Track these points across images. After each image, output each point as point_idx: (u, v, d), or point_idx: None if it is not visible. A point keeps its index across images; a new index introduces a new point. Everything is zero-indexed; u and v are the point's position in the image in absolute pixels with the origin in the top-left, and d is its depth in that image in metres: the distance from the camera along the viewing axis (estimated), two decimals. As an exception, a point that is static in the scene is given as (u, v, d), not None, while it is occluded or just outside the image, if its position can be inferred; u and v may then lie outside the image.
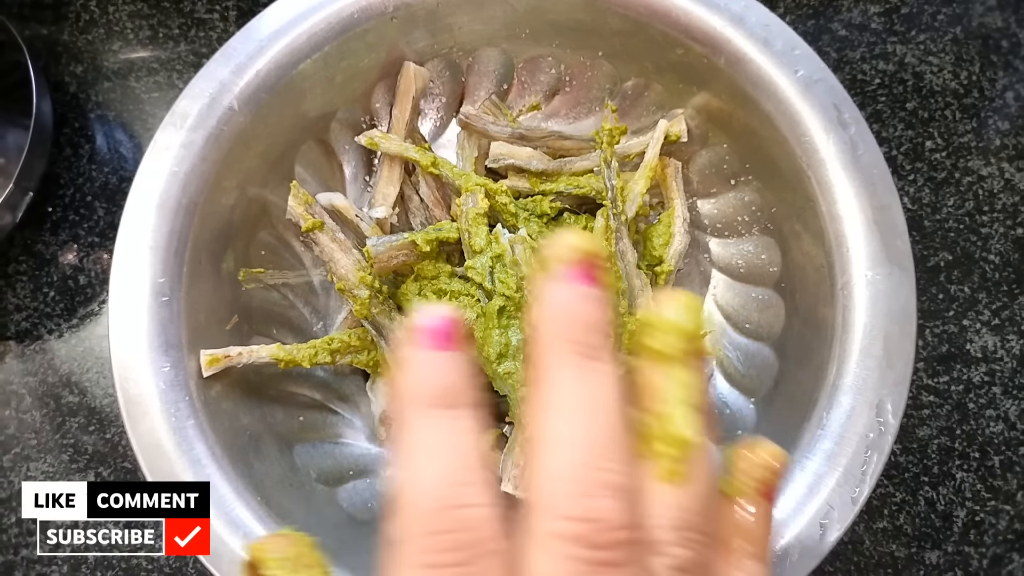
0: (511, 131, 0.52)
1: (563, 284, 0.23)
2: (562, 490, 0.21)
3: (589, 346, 0.23)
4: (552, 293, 0.23)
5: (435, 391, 0.22)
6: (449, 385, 0.22)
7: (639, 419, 0.23)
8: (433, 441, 0.22)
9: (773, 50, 0.46)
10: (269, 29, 0.47)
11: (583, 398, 0.22)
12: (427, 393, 0.22)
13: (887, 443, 0.40)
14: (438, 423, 0.22)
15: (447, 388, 0.22)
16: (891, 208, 0.44)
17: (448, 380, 0.23)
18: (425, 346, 0.23)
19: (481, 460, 0.22)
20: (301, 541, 0.26)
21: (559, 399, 0.22)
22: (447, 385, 0.22)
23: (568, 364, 0.22)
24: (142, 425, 0.41)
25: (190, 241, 0.45)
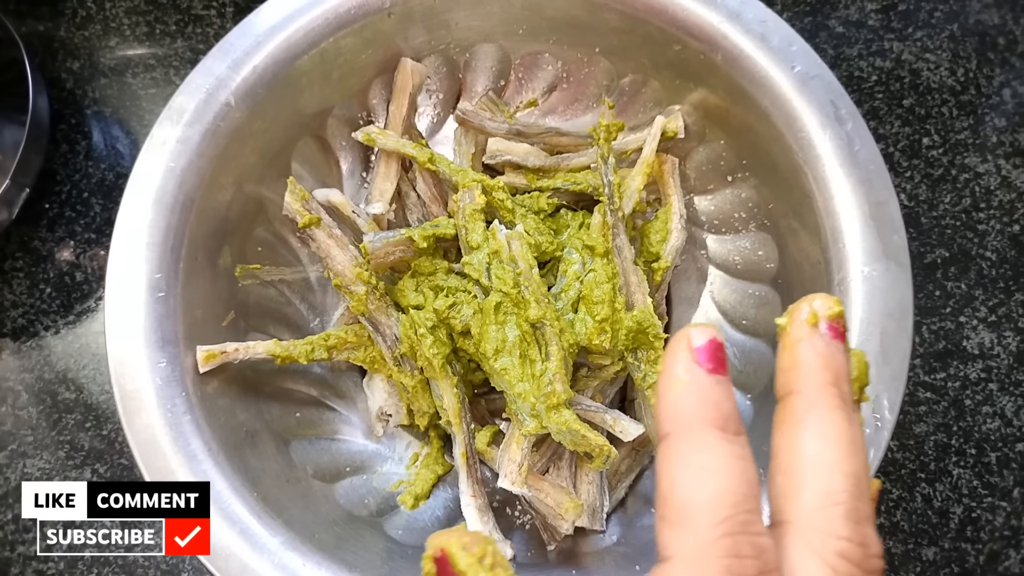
0: (508, 127, 0.52)
1: (824, 339, 0.25)
2: (839, 512, 0.23)
3: (847, 393, 0.25)
4: (815, 346, 0.25)
5: (717, 414, 0.23)
6: (729, 411, 0.24)
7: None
8: (718, 462, 0.23)
9: (770, 46, 0.46)
10: (266, 25, 0.47)
11: (852, 436, 0.24)
12: (710, 415, 0.23)
13: (884, 439, 0.40)
14: (720, 445, 0.23)
15: (727, 413, 0.24)
16: (888, 204, 0.44)
17: (727, 405, 0.24)
18: (703, 367, 0.24)
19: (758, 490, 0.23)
20: (485, 539, 0.26)
21: (832, 433, 0.24)
22: (727, 410, 0.24)
23: (836, 407, 0.24)
24: (138, 421, 0.41)
25: (187, 237, 0.44)
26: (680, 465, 0.23)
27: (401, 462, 0.51)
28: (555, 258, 0.50)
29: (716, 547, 0.22)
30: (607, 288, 0.46)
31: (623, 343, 0.46)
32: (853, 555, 0.22)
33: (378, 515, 0.48)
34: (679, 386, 0.24)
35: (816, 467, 0.24)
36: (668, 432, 0.24)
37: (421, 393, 0.48)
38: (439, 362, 0.46)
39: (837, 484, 0.23)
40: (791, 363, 0.25)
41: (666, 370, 0.25)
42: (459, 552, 0.25)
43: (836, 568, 0.22)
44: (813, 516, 0.23)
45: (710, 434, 0.23)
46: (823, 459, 0.24)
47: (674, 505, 0.23)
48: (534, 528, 0.48)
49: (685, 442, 0.23)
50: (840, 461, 0.23)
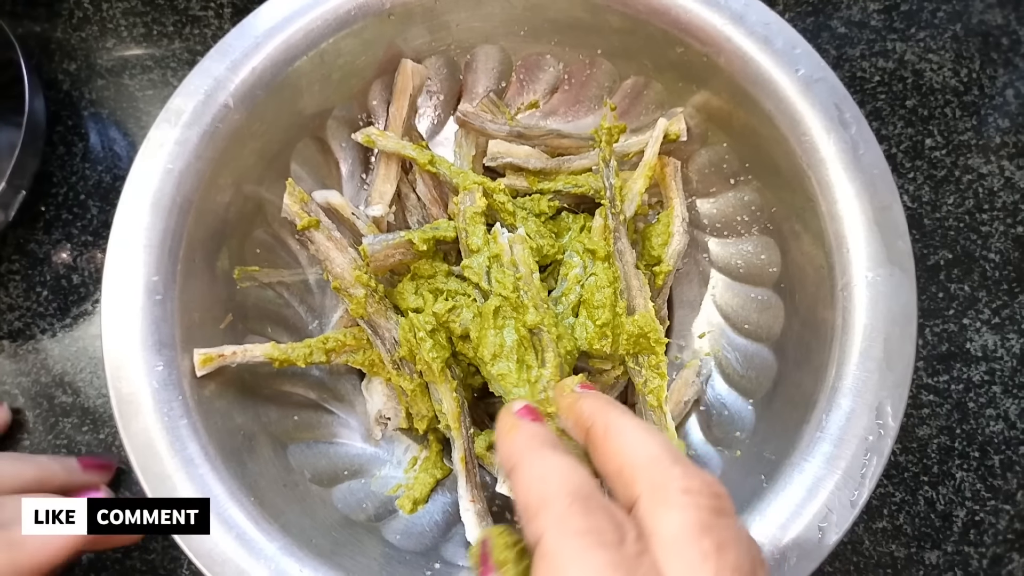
0: (509, 129, 0.52)
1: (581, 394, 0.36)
2: (665, 467, 0.28)
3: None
4: (579, 399, 0.35)
5: (545, 439, 0.31)
6: (553, 438, 0.32)
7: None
8: (554, 463, 0.29)
9: (773, 49, 0.46)
10: (265, 25, 0.46)
11: (641, 425, 0.31)
12: (538, 441, 0.31)
13: (887, 446, 0.40)
14: (553, 455, 0.30)
15: (552, 439, 0.32)
16: (892, 208, 0.43)
17: (550, 435, 0.32)
18: (525, 418, 0.33)
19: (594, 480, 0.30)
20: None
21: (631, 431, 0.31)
22: (551, 437, 0.32)
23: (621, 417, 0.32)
24: (135, 425, 0.40)
25: (184, 239, 0.44)
26: (527, 477, 0.28)
27: (400, 466, 0.51)
28: (556, 261, 0.49)
29: (572, 509, 0.26)
30: (608, 292, 0.46)
31: (624, 348, 0.46)
32: (692, 486, 0.27)
33: (376, 520, 0.48)
34: (512, 433, 0.31)
35: (636, 453, 0.29)
36: (514, 463, 0.29)
37: (420, 397, 0.48)
38: (438, 366, 0.45)
39: (654, 451, 0.28)
40: (575, 418, 0.33)
41: (498, 432, 0.33)
42: (496, 539, 0.31)
43: (683, 503, 0.26)
44: (650, 481, 0.27)
45: (542, 450, 0.29)
46: (635, 445, 0.29)
47: (530, 504, 0.27)
48: (534, 533, 0.48)
49: (526, 461, 0.29)
50: (645, 439, 0.29)
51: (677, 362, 0.53)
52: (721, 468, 0.47)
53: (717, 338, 0.52)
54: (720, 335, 0.52)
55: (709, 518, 0.26)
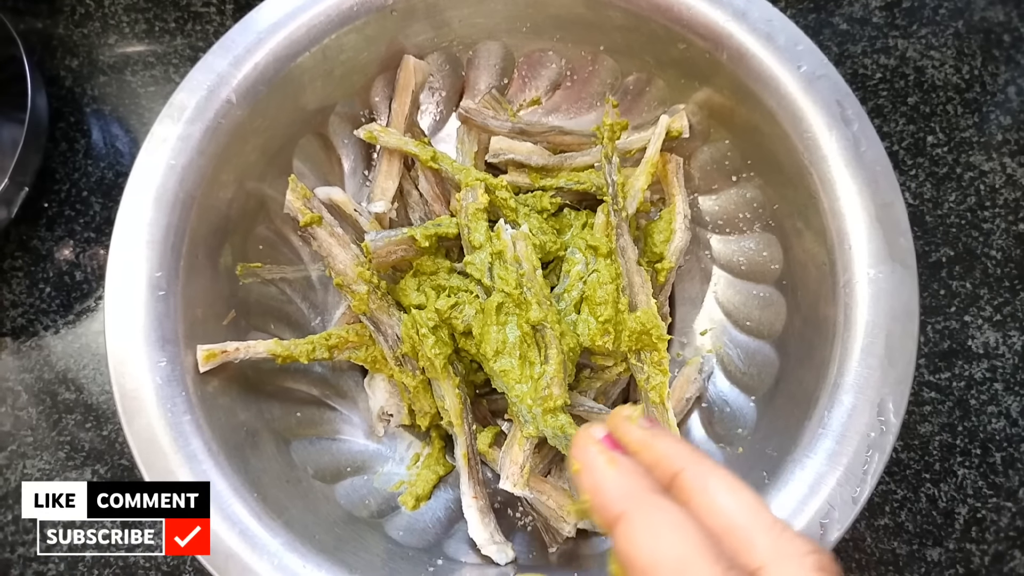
0: (511, 126, 0.52)
1: (654, 432, 0.30)
2: (790, 537, 0.25)
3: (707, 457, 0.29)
4: (659, 437, 0.30)
5: (654, 483, 0.27)
6: (655, 480, 0.28)
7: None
8: (683, 517, 0.25)
9: (776, 46, 0.46)
10: (268, 21, 0.46)
11: (735, 478, 0.28)
12: (651, 485, 0.27)
13: (888, 442, 0.40)
14: (674, 506, 0.26)
15: (655, 482, 0.27)
16: (894, 205, 0.43)
17: (651, 477, 0.27)
18: (617, 450, 0.28)
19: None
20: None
21: (729, 484, 0.27)
22: (654, 480, 0.27)
23: (712, 470, 0.28)
24: (138, 420, 0.40)
25: (187, 235, 0.44)
26: (652, 534, 0.24)
27: (402, 462, 0.51)
28: (558, 258, 0.49)
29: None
30: (610, 289, 0.46)
31: (626, 344, 0.46)
32: (824, 563, 0.24)
33: (379, 516, 0.48)
34: (611, 471, 0.27)
35: (747, 514, 0.26)
36: (623, 510, 0.25)
37: (423, 393, 0.48)
38: (441, 362, 0.45)
39: (768, 517, 0.26)
40: (654, 459, 0.28)
41: (588, 465, 0.27)
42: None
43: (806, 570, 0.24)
44: (775, 551, 0.25)
45: (662, 500, 0.25)
46: (744, 506, 0.26)
47: (663, 568, 0.24)
48: (536, 530, 0.48)
49: (645, 512, 0.25)
50: (752, 501, 0.26)
51: (679, 359, 0.53)
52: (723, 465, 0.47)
53: (719, 335, 0.52)
54: (722, 332, 0.52)
55: None
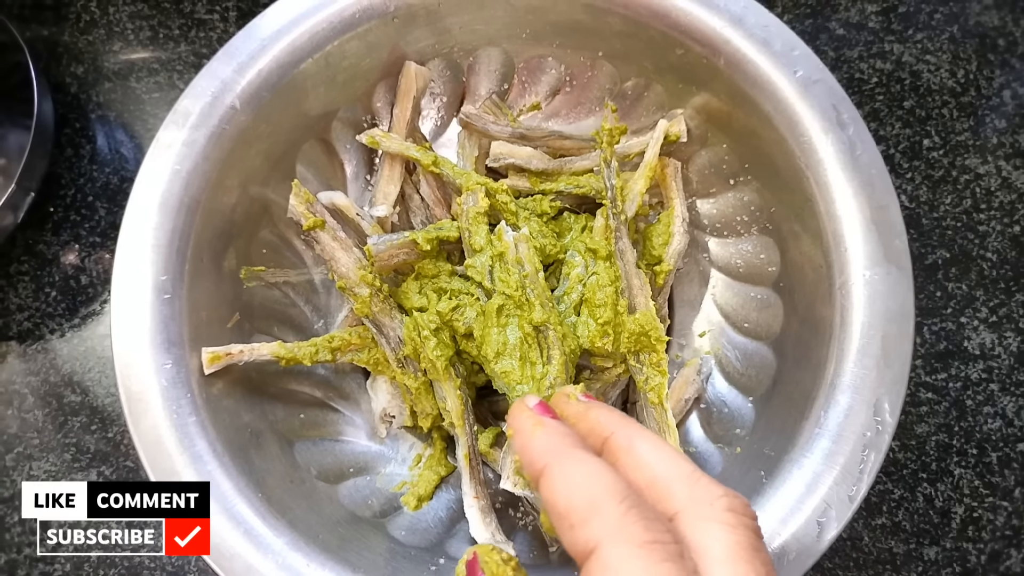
0: (511, 131, 0.52)
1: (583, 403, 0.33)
2: (706, 483, 0.27)
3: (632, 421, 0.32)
4: (587, 408, 0.33)
5: (576, 440, 0.29)
6: (580, 439, 0.30)
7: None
8: (597, 467, 0.27)
9: (772, 51, 0.46)
10: (271, 28, 0.47)
11: (655, 436, 0.30)
12: (573, 441, 0.29)
13: (884, 442, 0.41)
14: (591, 458, 0.28)
15: (580, 441, 0.29)
16: (889, 208, 0.44)
17: (577, 437, 0.30)
18: (546, 415, 0.31)
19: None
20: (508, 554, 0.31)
21: (652, 442, 0.29)
22: (579, 439, 0.30)
23: (639, 429, 0.31)
24: (144, 422, 0.41)
25: (192, 239, 0.45)
26: (567, 479, 0.26)
27: (404, 463, 0.52)
28: (558, 261, 0.50)
29: (629, 517, 0.24)
30: (610, 291, 0.46)
31: (625, 346, 0.46)
32: (736, 505, 0.26)
33: (381, 516, 0.48)
34: (538, 431, 0.29)
35: (667, 467, 0.28)
36: (545, 463, 0.27)
37: (424, 395, 0.49)
38: (442, 364, 0.46)
39: (687, 467, 0.28)
40: (588, 428, 0.30)
41: (518, 428, 0.30)
42: (488, 556, 0.30)
43: (730, 521, 0.25)
44: (691, 497, 0.26)
45: (579, 452, 0.27)
46: (665, 460, 0.28)
47: (576, 509, 0.25)
48: (536, 530, 0.49)
49: (563, 463, 0.27)
50: (673, 456, 0.28)
51: (678, 361, 0.53)
52: (721, 465, 0.48)
53: (717, 337, 0.53)
54: (720, 334, 0.53)
55: (756, 540, 0.26)
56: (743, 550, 0.25)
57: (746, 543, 0.25)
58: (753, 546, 0.25)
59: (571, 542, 0.25)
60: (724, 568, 0.24)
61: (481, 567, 0.30)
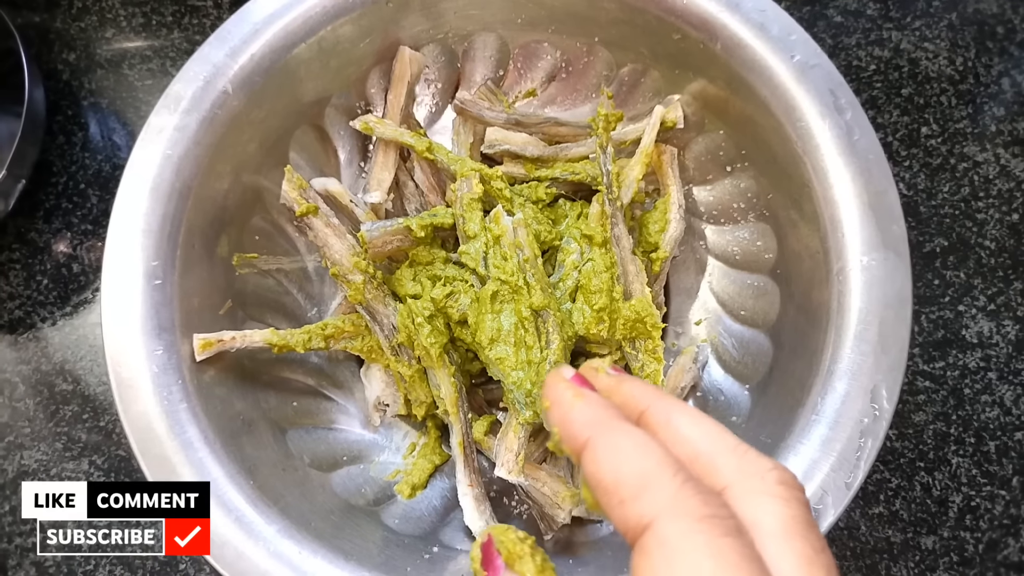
0: (507, 117, 0.52)
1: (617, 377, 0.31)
2: (754, 456, 0.26)
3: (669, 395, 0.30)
4: (624, 381, 0.30)
5: (619, 412, 0.27)
6: (620, 412, 0.28)
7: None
8: (645, 439, 0.26)
9: (769, 35, 0.46)
10: (264, 13, 0.46)
11: (695, 410, 0.29)
12: (616, 413, 0.27)
13: (882, 428, 0.40)
14: (637, 431, 0.26)
15: (621, 413, 0.27)
16: (887, 193, 0.43)
17: (618, 409, 0.28)
18: (586, 387, 0.29)
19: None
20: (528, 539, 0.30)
21: (692, 414, 0.28)
22: (619, 412, 0.27)
23: (676, 403, 0.29)
24: (134, 409, 0.40)
25: (184, 225, 0.44)
26: (615, 453, 0.25)
27: (398, 452, 0.51)
28: (553, 248, 0.50)
29: (685, 491, 0.23)
30: (605, 278, 0.46)
31: (621, 333, 0.46)
32: (787, 479, 0.25)
33: (375, 504, 0.48)
34: (578, 402, 0.27)
35: (710, 440, 0.26)
36: (588, 436, 0.26)
37: (418, 382, 0.48)
38: (436, 351, 0.46)
39: (731, 440, 0.26)
40: (621, 402, 0.29)
41: (556, 400, 0.28)
42: (504, 535, 0.29)
43: (783, 495, 0.24)
44: (740, 470, 0.25)
45: (625, 424, 0.26)
46: (707, 433, 0.26)
47: (626, 484, 0.24)
48: (531, 518, 0.48)
49: (609, 435, 0.25)
50: (715, 428, 0.27)
51: (674, 349, 0.53)
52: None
53: (713, 324, 0.53)
54: (716, 322, 0.52)
55: (809, 514, 0.25)
56: (798, 524, 0.24)
57: (800, 518, 0.24)
58: (807, 521, 0.24)
59: (621, 518, 0.24)
60: (780, 543, 0.23)
61: (497, 547, 0.29)
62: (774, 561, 0.23)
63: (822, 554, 0.24)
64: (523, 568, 0.28)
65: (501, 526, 0.30)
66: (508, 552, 0.29)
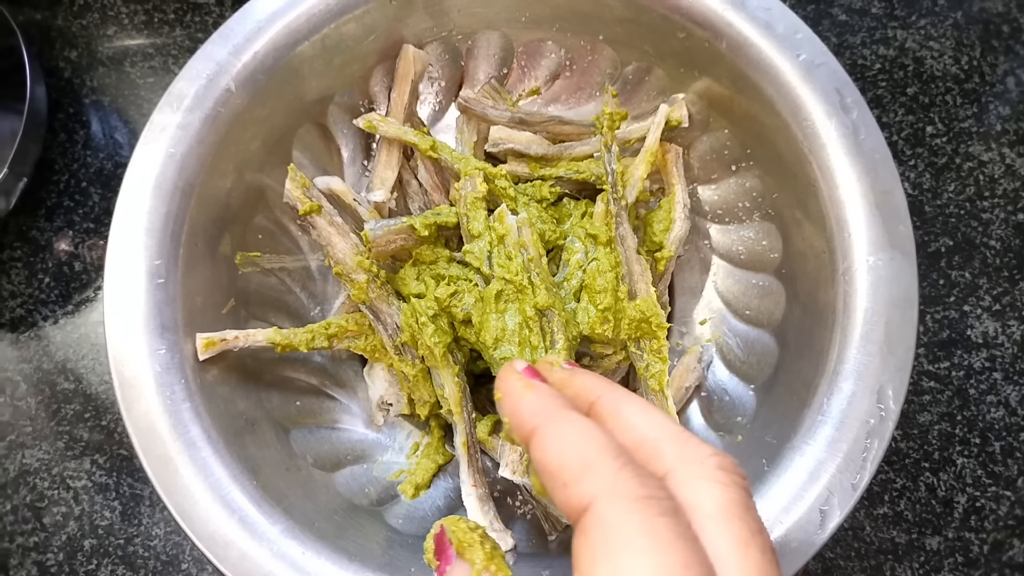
0: (511, 115, 0.52)
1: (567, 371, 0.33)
2: (695, 443, 0.27)
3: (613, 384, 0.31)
4: (573, 375, 0.32)
5: (566, 402, 0.29)
6: (569, 402, 0.29)
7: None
8: (589, 427, 0.27)
9: (775, 34, 0.46)
10: (267, 10, 0.46)
11: (639, 399, 0.30)
12: (563, 403, 0.29)
13: (888, 429, 0.40)
14: (582, 419, 0.27)
15: (569, 403, 0.29)
16: (893, 193, 0.43)
17: (566, 400, 0.29)
18: (535, 378, 0.30)
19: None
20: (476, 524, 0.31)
21: (637, 404, 0.29)
22: (567, 402, 0.29)
23: (622, 393, 0.30)
24: (137, 408, 0.40)
25: (187, 224, 0.44)
26: (560, 439, 0.26)
27: (402, 451, 0.51)
28: (557, 247, 0.49)
29: (624, 473, 0.24)
30: (610, 277, 0.46)
31: (626, 333, 0.46)
32: (726, 464, 0.26)
33: (378, 504, 0.48)
34: (528, 393, 0.29)
35: (654, 428, 0.27)
36: (536, 424, 0.27)
37: (422, 382, 0.48)
38: (440, 351, 0.45)
39: (675, 428, 0.27)
40: (573, 394, 0.30)
41: (507, 391, 0.30)
42: (455, 526, 0.30)
43: (722, 479, 0.25)
44: (680, 456, 0.26)
45: (571, 413, 0.27)
46: (653, 421, 0.28)
47: (569, 467, 0.25)
48: (535, 518, 0.48)
49: (555, 423, 0.27)
50: (661, 417, 0.28)
51: (678, 348, 0.53)
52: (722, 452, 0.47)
53: (718, 324, 0.52)
54: (721, 321, 0.52)
55: (747, 498, 0.25)
56: (736, 507, 0.25)
57: (738, 500, 0.25)
58: (745, 504, 0.25)
59: (564, 500, 0.25)
60: (718, 525, 0.24)
61: (449, 537, 0.30)
62: (711, 541, 0.24)
63: (759, 535, 0.24)
64: (472, 556, 0.29)
65: (453, 517, 0.31)
66: (459, 541, 0.30)
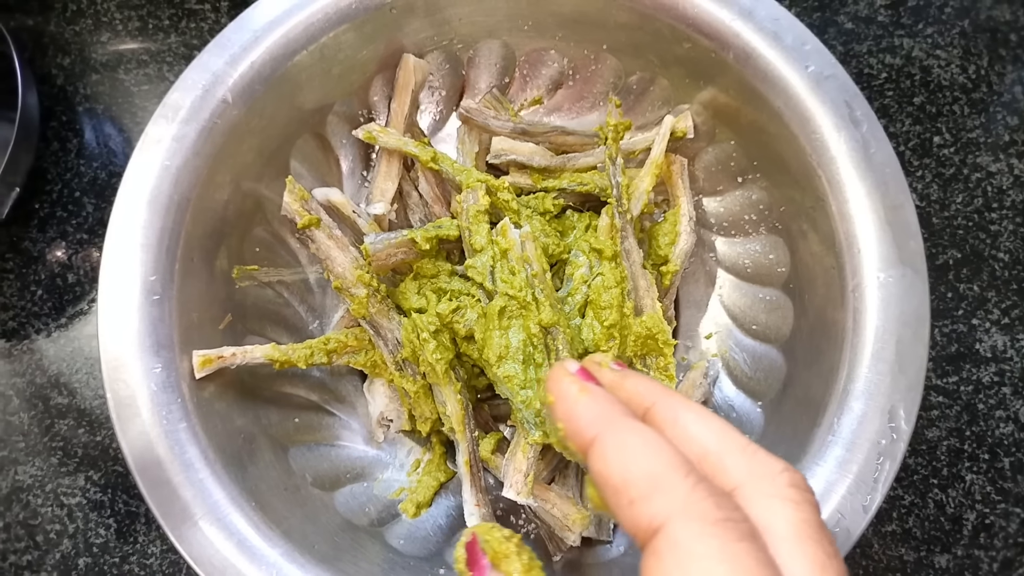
0: (513, 126, 0.51)
1: (623, 373, 0.30)
2: (763, 457, 0.25)
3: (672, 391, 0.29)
4: (628, 377, 0.30)
5: (626, 408, 0.27)
6: (626, 408, 0.27)
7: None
8: (654, 438, 0.25)
9: (783, 45, 0.45)
10: (264, 19, 0.45)
11: (701, 408, 0.28)
12: (623, 409, 0.27)
13: (900, 450, 0.39)
14: (645, 428, 0.25)
15: (628, 409, 0.27)
16: (903, 208, 0.43)
17: (623, 405, 0.27)
18: (590, 381, 0.28)
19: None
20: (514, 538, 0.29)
21: (698, 411, 0.27)
22: (625, 407, 0.27)
23: (682, 401, 0.28)
24: (132, 428, 0.39)
25: (182, 238, 0.43)
26: (623, 451, 0.24)
27: (402, 469, 0.50)
28: (561, 261, 0.48)
29: (698, 492, 0.23)
30: (615, 293, 0.45)
31: (632, 349, 0.45)
32: (797, 480, 0.24)
33: (379, 524, 0.47)
34: (583, 397, 0.27)
35: (718, 439, 0.25)
36: (596, 433, 0.25)
37: (423, 398, 0.47)
38: (442, 367, 0.45)
39: (740, 440, 0.26)
40: (626, 397, 0.28)
41: (561, 395, 0.27)
42: (488, 534, 0.28)
43: (795, 498, 0.24)
44: (750, 471, 0.25)
45: (633, 421, 0.25)
46: (715, 431, 0.26)
47: (636, 483, 0.23)
48: (539, 538, 0.47)
49: (616, 432, 0.25)
50: (723, 427, 0.26)
51: (684, 363, 0.52)
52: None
53: (724, 339, 0.51)
54: (727, 336, 0.51)
55: (819, 518, 0.24)
56: (810, 528, 0.23)
57: (812, 521, 0.24)
58: (818, 525, 0.24)
59: (630, 519, 0.23)
60: (792, 548, 0.23)
61: (482, 547, 0.28)
62: (786, 565, 0.22)
63: (834, 559, 0.23)
64: (510, 567, 0.27)
65: (486, 524, 0.29)
66: (494, 551, 0.28)
